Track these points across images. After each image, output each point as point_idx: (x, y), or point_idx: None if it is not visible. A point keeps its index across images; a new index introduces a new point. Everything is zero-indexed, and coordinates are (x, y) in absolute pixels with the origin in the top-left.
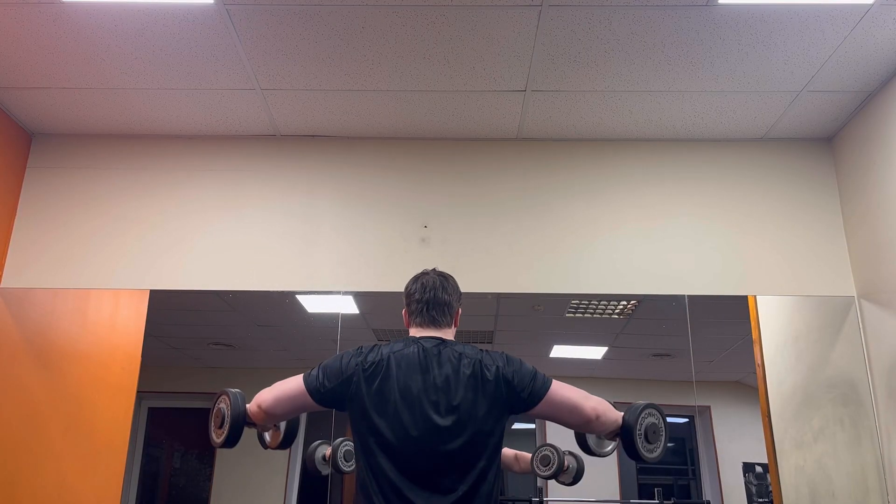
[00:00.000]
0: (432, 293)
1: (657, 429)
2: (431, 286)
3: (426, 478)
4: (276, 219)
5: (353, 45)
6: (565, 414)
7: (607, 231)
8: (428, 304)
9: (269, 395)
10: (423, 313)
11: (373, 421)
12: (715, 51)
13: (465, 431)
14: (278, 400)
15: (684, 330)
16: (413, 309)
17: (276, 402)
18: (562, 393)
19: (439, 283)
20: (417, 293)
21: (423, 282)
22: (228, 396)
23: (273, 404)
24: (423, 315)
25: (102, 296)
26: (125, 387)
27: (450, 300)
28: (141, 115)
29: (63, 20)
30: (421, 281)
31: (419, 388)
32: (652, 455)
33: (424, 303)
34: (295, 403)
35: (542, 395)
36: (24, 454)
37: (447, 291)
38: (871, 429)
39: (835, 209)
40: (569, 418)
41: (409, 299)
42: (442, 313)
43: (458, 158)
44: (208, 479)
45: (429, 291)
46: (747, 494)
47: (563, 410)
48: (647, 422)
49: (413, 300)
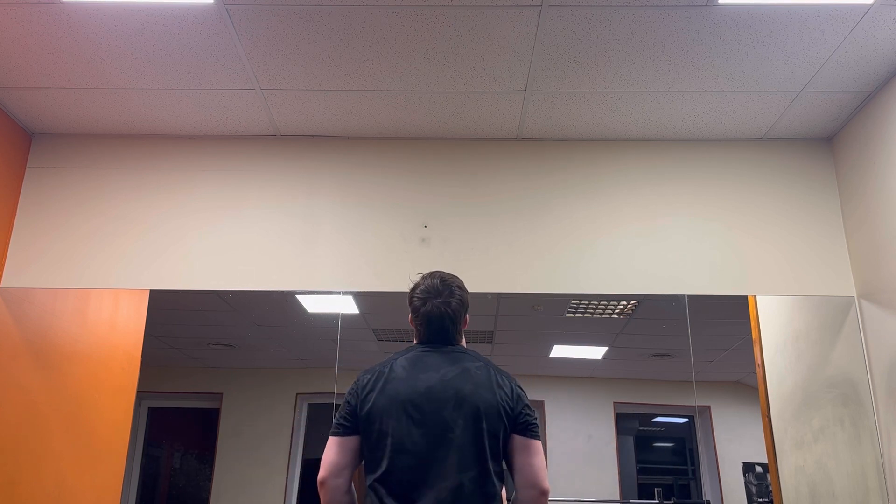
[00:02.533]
0: (439, 326)
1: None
2: (438, 320)
3: (434, 473)
4: (276, 219)
5: (353, 45)
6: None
7: (607, 231)
8: (435, 335)
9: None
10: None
11: (381, 421)
12: (715, 51)
13: (472, 427)
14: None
15: (684, 330)
16: (418, 330)
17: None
18: (540, 453)
19: (446, 314)
20: (422, 323)
21: (428, 311)
22: None
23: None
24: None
25: (102, 296)
26: (125, 387)
27: (457, 328)
28: (141, 115)
29: (63, 20)
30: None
31: (429, 384)
32: None
33: (431, 334)
34: (342, 453)
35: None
36: (24, 454)
37: (455, 321)
38: (871, 429)
39: (835, 209)
40: (527, 470)
41: (414, 318)
42: (449, 341)
43: (458, 158)
44: (208, 479)
45: (435, 324)
46: (747, 494)
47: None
48: None
49: (418, 325)
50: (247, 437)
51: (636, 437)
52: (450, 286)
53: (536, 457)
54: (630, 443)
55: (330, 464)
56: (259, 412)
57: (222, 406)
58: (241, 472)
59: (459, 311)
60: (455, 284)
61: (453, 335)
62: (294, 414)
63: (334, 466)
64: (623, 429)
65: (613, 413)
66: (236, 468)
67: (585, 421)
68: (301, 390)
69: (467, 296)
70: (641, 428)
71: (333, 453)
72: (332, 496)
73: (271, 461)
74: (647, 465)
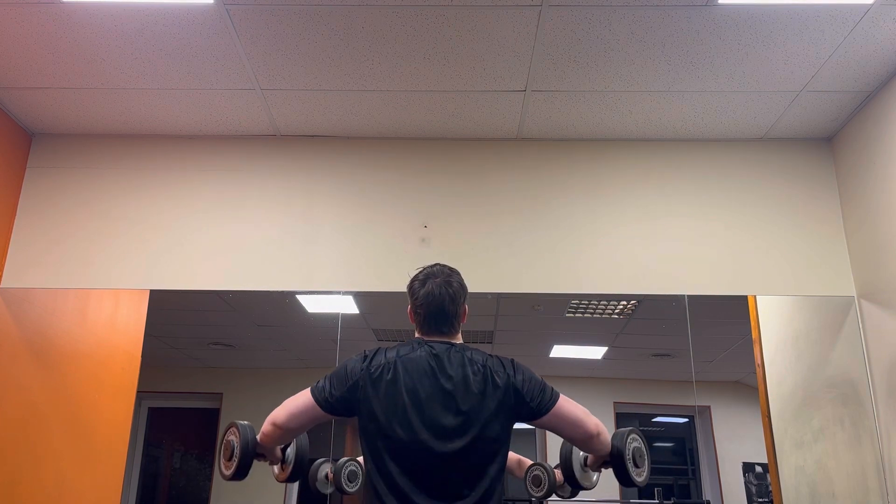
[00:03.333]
0: (439, 306)
1: (642, 453)
2: (438, 299)
3: (434, 481)
4: (276, 219)
5: (353, 45)
6: (568, 427)
7: (607, 231)
8: (435, 317)
9: (282, 411)
10: (430, 325)
11: (381, 424)
12: (715, 51)
13: (472, 436)
14: (291, 415)
15: (684, 330)
16: (418, 315)
17: (290, 417)
18: (568, 407)
19: (446, 293)
20: (423, 305)
21: (429, 291)
22: (237, 428)
23: (287, 419)
24: (429, 325)
25: (102, 296)
26: (125, 387)
27: (457, 310)
28: (141, 115)
29: (63, 20)
30: (427, 288)
31: (428, 392)
32: (640, 479)
33: (432, 316)
34: (307, 416)
35: (550, 407)
36: (24, 454)
37: (455, 301)
38: (871, 429)
39: (835, 209)
40: (572, 432)
41: (414, 304)
42: (449, 325)
43: (458, 158)
44: (208, 479)
45: (435, 304)
46: (747, 494)
47: (567, 424)
48: (633, 446)
49: (418, 307)
50: None
51: None
52: (449, 271)
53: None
54: None
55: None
56: (259, 412)
57: (222, 406)
58: None
59: (460, 293)
60: (454, 271)
61: (453, 320)
62: None
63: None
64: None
65: (613, 413)
66: None
67: None
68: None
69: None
70: (641, 428)
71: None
72: (270, 439)
73: None
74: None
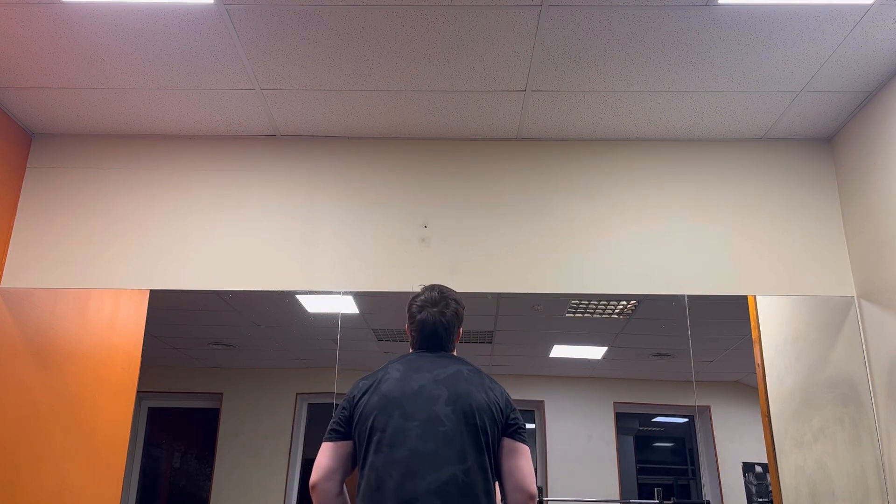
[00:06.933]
0: (433, 332)
1: None
2: (432, 327)
3: (428, 465)
4: (276, 219)
5: (353, 45)
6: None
7: (607, 231)
8: (428, 341)
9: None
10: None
11: (374, 417)
12: (715, 51)
13: (465, 422)
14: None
15: (684, 330)
16: (413, 337)
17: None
18: (528, 454)
19: (440, 322)
20: (418, 329)
21: (423, 319)
22: None
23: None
24: (422, 346)
25: (102, 296)
26: (125, 387)
27: (450, 337)
28: (141, 115)
29: (63, 20)
30: (422, 316)
31: (421, 383)
32: None
33: (425, 339)
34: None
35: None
36: (24, 454)
37: (448, 329)
38: (871, 429)
39: (835, 209)
40: (516, 473)
41: (410, 325)
42: (442, 347)
43: (458, 158)
44: (208, 479)
45: (428, 330)
46: (747, 494)
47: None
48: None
49: (413, 330)
50: (247, 437)
51: (636, 437)
52: (447, 299)
53: (525, 460)
54: (630, 443)
55: (321, 468)
56: (259, 412)
57: (222, 406)
58: (240, 472)
59: (453, 322)
60: (452, 298)
61: (445, 344)
62: (294, 414)
63: (325, 470)
64: (623, 429)
65: (613, 413)
66: (236, 468)
67: (585, 421)
68: (301, 390)
69: (463, 311)
70: (641, 428)
71: (325, 457)
72: (322, 499)
73: (271, 461)
74: (646, 465)
